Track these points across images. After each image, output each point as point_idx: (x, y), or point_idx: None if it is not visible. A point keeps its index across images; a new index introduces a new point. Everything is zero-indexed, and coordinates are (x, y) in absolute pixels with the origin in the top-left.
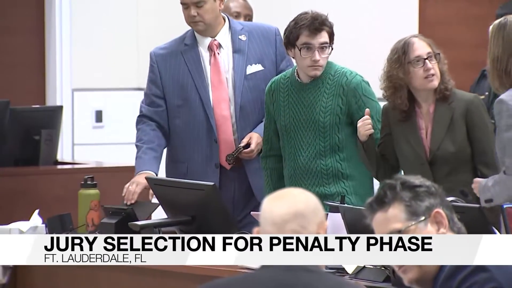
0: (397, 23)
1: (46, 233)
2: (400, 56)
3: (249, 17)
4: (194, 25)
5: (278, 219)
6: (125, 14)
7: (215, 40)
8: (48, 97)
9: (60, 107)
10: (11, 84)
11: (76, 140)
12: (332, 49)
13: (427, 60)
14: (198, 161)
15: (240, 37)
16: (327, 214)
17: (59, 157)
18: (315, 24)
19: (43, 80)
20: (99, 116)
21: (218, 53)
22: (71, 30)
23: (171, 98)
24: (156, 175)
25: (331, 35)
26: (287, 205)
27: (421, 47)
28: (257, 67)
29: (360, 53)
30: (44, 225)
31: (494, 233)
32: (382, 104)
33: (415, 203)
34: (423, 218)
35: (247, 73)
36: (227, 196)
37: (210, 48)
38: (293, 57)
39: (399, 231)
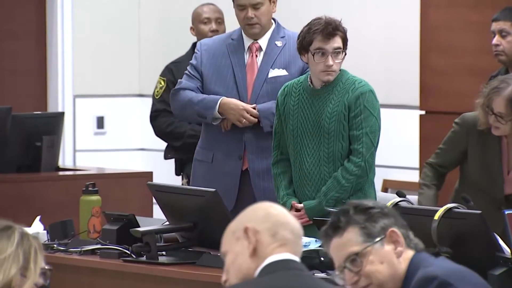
0: (398, 28)
1: (48, 240)
2: (490, 101)
3: (220, 20)
4: (250, 28)
5: (298, 231)
6: (126, 20)
7: (257, 42)
8: (50, 104)
9: (62, 114)
10: (12, 90)
11: (77, 146)
12: (345, 54)
13: (495, 118)
14: (224, 151)
15: (276, 42)
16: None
17: (60, 164)
18: (328, 29)
19: (44, 86)
20: (100, 123)
21: (257, 56)
22: (72, 36)
23: (209, 84)
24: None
25: (345, 40)
26: (298, 223)
27: (497, 106)
28: (280, 72)
29: (361, 58)
30: (45, 231)
31: (496, 239)
32: (385, 111)
33: (370, 224)
34: (379, 238)
35: (269, 76)
36: (249, 191)
37: (250, 49)
38: (307, 62)
39: (357, 254)
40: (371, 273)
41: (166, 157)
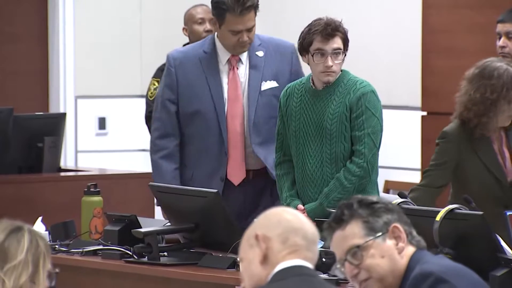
0: (400, 30)
1: (50, 241)
2: (510, 90)
3: (213, 20)
4: (241, 49)
5: (311, 236)
6: (128, 21)
7: (237, 55)
8: (52, 104)
9: (64, 114)
10: (14, 91)
11: (79, 147)
12: (345, 55)
13: None
14: (205, 171)
15: (257, 53)
16: None
17: (62, 164)
18: (327, 30)
19: (46, 87)
20: (102, 123)
21: (237, 68)
22: (74, 37)
23: (185, 105)
24: None
25: (345, 41)
26: (314, 228)
27: None
28: (272, 84)
29: (363, 60)
30: (47, 232)
31: (498, 240)
32: (386, 112)
33: (373, 219)
34: (381, 233)
35: (262, 89)
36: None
37: (229, 62)
38: (308, 63)
39: (358, 247)
40: (371, 266)
41: None
